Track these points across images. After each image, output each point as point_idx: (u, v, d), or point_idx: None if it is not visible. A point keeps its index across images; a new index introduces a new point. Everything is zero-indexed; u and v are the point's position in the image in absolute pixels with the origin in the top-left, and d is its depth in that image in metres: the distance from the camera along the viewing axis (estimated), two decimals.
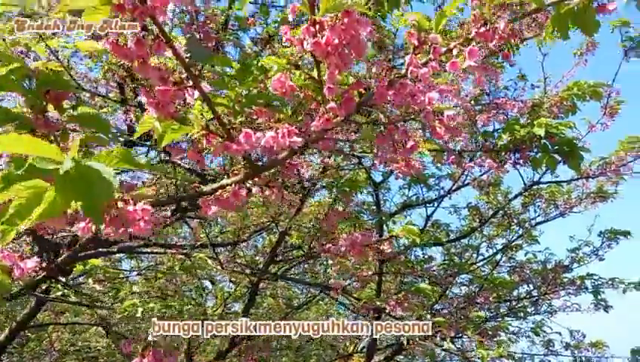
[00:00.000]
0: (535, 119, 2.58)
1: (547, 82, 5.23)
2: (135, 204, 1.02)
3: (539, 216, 6.50)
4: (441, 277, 4.85)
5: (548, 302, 7.28)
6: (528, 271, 6.32)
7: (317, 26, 1.01)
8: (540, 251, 6.61)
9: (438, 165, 6.55)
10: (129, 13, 0.93)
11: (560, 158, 2.71)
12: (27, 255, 1.14)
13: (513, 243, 6.45)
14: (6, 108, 1.13)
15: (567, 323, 7.39)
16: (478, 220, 6.78)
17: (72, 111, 1.19)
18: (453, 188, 6.32)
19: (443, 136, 1.10)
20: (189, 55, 1.74)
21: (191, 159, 1.20)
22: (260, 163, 1.27)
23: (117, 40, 0.93)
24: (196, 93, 1.06)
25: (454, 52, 1.18)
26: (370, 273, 3.69)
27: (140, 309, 2.45)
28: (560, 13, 1.32)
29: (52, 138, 1.25)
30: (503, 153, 2.61)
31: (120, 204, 0.96)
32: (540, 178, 6.01)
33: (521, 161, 2.64)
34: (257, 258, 7.43)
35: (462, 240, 7.05)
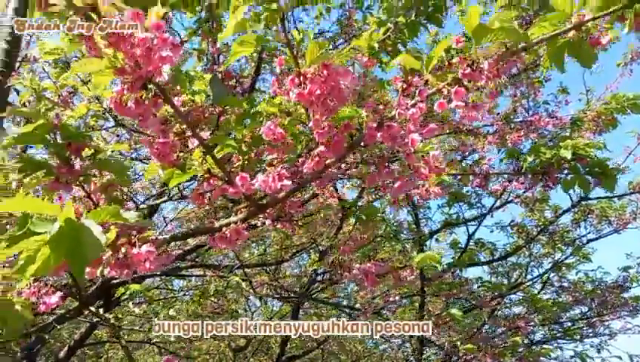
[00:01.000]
0: (563, 140, 2.51)
1: (590, 95, 5.03)
2: (141, 247, 1.11)
3: (590, 233, 6.18)
4: (482, 299, 4.70)
5: (606, 323, 6.86)
6: (582, 292, 6.00)
7: (301, 78, 1.07)
8: (592, 270, 6.27)
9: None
10: (129, 75, 1.04)
11: (593, 179, 2.62)
12: (52, 290, 1.27)
13: (563, 262, 6.15)
14: (33, 158, 1.27)
15: (627, 347, 6.94)
16: (524, 238, 6.54)
17: (92, 158, 1.32)
18: (496, 205, 6.16)
19: (427, 177, 1.13)
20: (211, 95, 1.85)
21: (194, 201, 1.29)
22: (262, 201, 1.34)
23: (119, 100, 1.04)
24: (196, 142, 1.16)
25: (444, 92, 1.21)
26: (397, 297, 3.66)
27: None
28: (555, 46, 1.32)
29: (77, 183, 1.39)
30: (530, 175, 2.55)
31: (123, 249, 1.06)
32: (587, 194, 5.75)
33: (550, 184, 2.57)
34: (303, 277, 7.51)
35: (508, 259, 6.81)
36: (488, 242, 6.75)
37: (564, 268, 6.08)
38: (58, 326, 3.31)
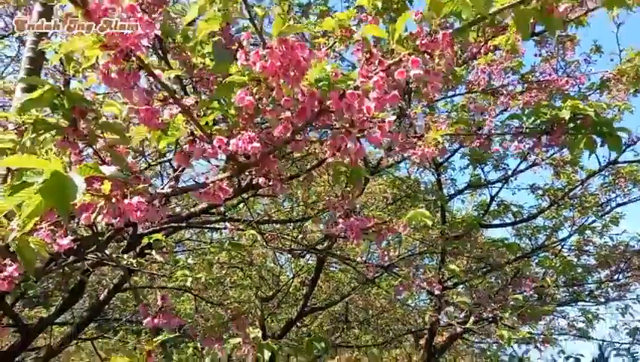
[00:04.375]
0: (564, 101, 2.49)
1: (624, 54, 4.82)
2: (132, 198, 1.29)
3: (618, 197, 6.06)
4: (497, 261, 4.79)
5: (630, 287, 6.84)
6: (603, 256, 5.97)
7: (266, 50, 1.19)
8: (617, 234, 6.19)
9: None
10: (114, 51, 1.18)
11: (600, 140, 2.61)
12: (64, 234, 1.49)
13: (587, 225, 6.09)
14: (45, 120, 1.46)
15: None
16: (549, 201, 6.49)
17: (94, 121, 1.49)
18: (521, 168, 6.11)
19: (380, 141, 1.23)
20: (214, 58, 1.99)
21: (178, 162, 1.45)
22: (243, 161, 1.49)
23: (106, 71, 1.19)
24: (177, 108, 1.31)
25: (404, 61, 1.29)
26: (395, 253, 3.80)
27: (190, 279, 2.83)
28: (521, 13, 1.37)
29: (85, 142, 1.58)
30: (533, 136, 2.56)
31: (114, 199, 1.24)
32: (617, 157, 5.63)
33: (552, 144, 2.58)
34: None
35: (532, 222, 6.80)
36: (512, 204, 6.75)
37: (588, 231, 6.03)
38: (91, 270, 3.67)
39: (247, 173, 1.97)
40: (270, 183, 1.84)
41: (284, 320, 8.06)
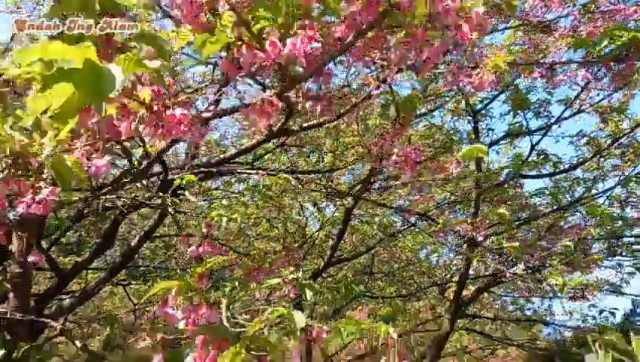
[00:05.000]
0: None
1: None
2: (175, 109, 1.15)
3: None
4: (538, 211, 4.57)
5: None
6: None
7: None
8: None
9: (549, 90, 5.97)
10: None
11: None
12: (102, 155, 1.36)
13: (632, 175, 5.75)
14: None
15: None
16: (593, 150, 6.13)
17: (129, 30, 1.33)
18: (565, 115, 5.75)
19: (469, 35, 1.03)
20: None
21: (225, 69, 1.29)
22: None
23: None
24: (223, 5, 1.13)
25: None
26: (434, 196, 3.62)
27: (225, 219, 2.73)
28: None
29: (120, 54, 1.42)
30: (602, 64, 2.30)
31: (155, 108, 1.09)
32: None
33: (627, 72, 2.30)
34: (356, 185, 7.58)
35: (572, 173, 6.48)
36: (552, 155, 6.41)
37: (632, 182, 5.71)
38: (125, 212, 3.64)
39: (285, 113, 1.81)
40: (318, 107, 1.67)
41: (310, 271, 8.07)
